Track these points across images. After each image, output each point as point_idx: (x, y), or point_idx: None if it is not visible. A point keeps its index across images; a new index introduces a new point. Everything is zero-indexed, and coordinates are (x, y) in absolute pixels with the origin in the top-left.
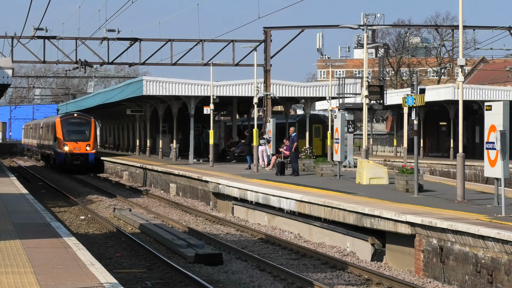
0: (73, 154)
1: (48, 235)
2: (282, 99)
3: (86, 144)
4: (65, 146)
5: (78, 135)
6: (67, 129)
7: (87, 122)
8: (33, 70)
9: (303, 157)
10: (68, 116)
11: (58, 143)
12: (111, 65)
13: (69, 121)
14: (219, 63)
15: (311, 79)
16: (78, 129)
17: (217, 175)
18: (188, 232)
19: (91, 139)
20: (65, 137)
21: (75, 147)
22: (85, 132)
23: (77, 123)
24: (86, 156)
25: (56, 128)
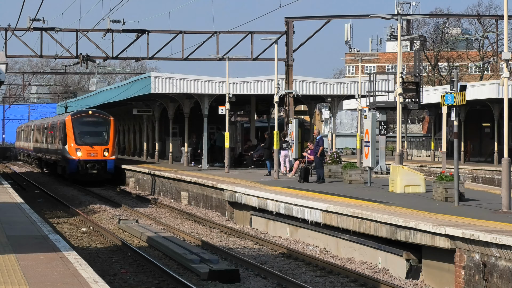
0: (87, 161)
1: (46, 249)
2: (306, 97)
3: (103, 148)
4: (78, 151)
5: (93, 138)
6: (80, 130)
7: (104, 121)
8: (29, 66)
9: (329, 162)
10: (81, 114)
11: (68, 148)
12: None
13: (82, 120)
14: (235, 57)
15: (338, 75)
16: (93, 129)
17: (233, 182)
18: (201, 246)
19: (110, 142)
20: (78, 140)
21: (90, 152)
22: (102, 134)
23: (92, 123)
24: (104, 163)
25: (67, 128)
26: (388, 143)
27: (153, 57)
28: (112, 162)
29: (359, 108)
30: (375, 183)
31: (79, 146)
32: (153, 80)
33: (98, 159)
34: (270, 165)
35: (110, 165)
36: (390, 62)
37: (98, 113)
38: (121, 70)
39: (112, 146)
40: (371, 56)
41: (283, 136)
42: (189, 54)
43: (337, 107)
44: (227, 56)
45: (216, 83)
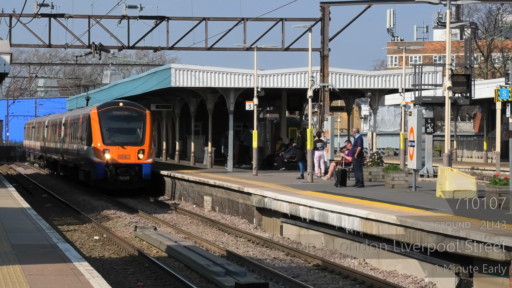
0: (118, 166)
1: (54, 260)
2: (343, 91)
3: (138, 149)
4: (106, 153)
5: (125, 136)
6: (109, 127)
7: (139, 116)
8: (35, 56)
9: (369, 164)
10: (109, 106)
11: (94, 149)
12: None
13: (111, 114)
14: (265, 47)
15: (380, 67)
16: (125, 126)
17: (262, 186)
18: (226, 257)
19: (146, 141)
20: (106, 138)
21: (121, 154)
22: (136, 131)
23: (124, 117)
24: (139, 168)
25: (92, 124)
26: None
27: (174, 46)
28: (149, 166)
29: (403, 104)
30: (420, 187)
31: (108, 146)
32: (173, 72)
33: (131, 162)
34: (303, 167)
35: (146, 170)
36: (437, 53)
37: (131, 105)
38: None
39: (149, 146)
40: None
41: (318, 135)
42: (213, 43)
43: (378, 103)
44: (255, 45)
45: (243, 76)
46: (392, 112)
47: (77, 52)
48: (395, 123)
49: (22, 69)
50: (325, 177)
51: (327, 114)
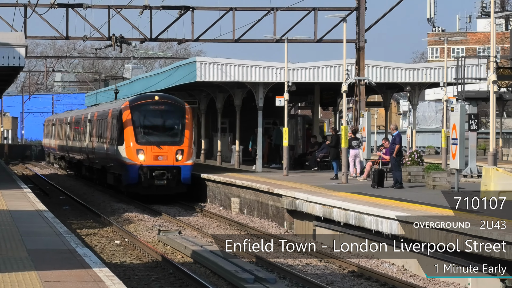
0: (153, 168)
1: (73, 265)
2: (380, 86)
3: (176, 149)
4: (140, 154)
5: (162, 134)
6: (143, 124)
7: (177, 110)
8: (52, 49)
9: (408, 164)
10: (143, 100)
11: (126, 149)
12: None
13: (146, 109)
14: (296, 38)
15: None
16: (162, 122)
17: (293, 187)
18: (255, 262)
19: (185, 140)
20: (140, 137)
21: (157, 155)
22: (174, 128)
23: (160, 113)
24: (177, 171)
25: (123, 121)
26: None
27: (199, 38)
28: (189, 168)
29: (445, 99)
30: (463, 188)
31: (142, 146)
32: (198, 66)
33: (168, 164)
34: (337, 167)
35: (185, 173)
36: (481, 44)
37: (168, 98)
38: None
39: (188, 145)
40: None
41: (353, 132)
42: (241, 35)
43: (418, 98)
44: (286, 37)
45: (272, 70)
46: (433, 108)
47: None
48: (436, 119)
49: (38, 63)
50: (361, 178)
51: (363, 110)
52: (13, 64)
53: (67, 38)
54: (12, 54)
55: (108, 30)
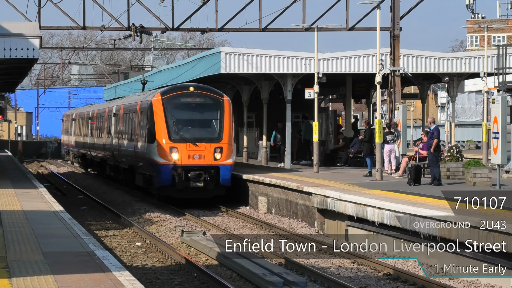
0: (189, 169)
1: (91, 269)
2: (416, 76)
3: (214, 147)
4: (174, 152)
5: (198, 130)
6: (177, 118)
7: (215, 103)
8: (68, 40)
9: (447, 159)
10: (177, 91)
11: (158, 146)
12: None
13: (180, 102)
14: (326, 27)
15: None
16: (198, 117)
17: (324, 185)
18: (284, 265)
19: (225, 136)
20: (173, 133)
21: (193, 153)
22: (211, 124)
23: (196, 106)
24: (215, 171)
25: (155, 115)
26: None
27: (223, 28)
28: (228, 168)
29: (485, 90)
30: (506, 185)
31: (176, 143)
32: (223, 56)
33: (205, 164)
34: (370, 163)
35: (224, 173)
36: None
37: (205, 89)
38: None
39: (228, 142)
40: (500, 23)
41: (388, 126)
42: (268, 23)
43: (457, 89)
44: (316, 25)
45: (301, 60)
46: (472, 100)
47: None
48: (477, 112)
49: (54, 55)
50: (397, 174)
51: (398, 103)
52: (26, 56)
53: (84, 28)
54: (26, 46)
55: (127, 19)
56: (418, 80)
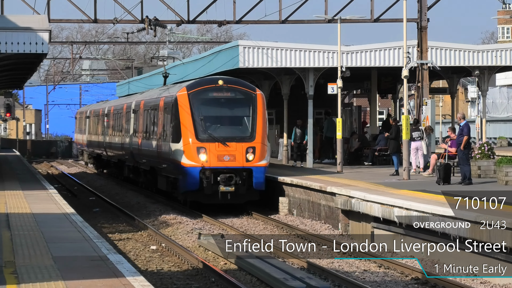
0: (218, 171)
1: (104, 274)
2: (445, 70)
3: (246, 147)
4: (201, 153)
5: (228, 128)
6: (204, 115)
7: (247, 98)
8: (79, 33)
9: (477, 157)
10: (205, 85)
11: (184, 146)
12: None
13: (208, 97)
14: (350, 18)
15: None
16: (228, 113)
17: (348, 185)
18: (307, 269)
19: (258, 135)
20: (201, 132)
21: (222, 154)
22: (243, 121)
23: (226, 101)
24: (248, 174)
25: (180, 112)
26: None
27: (241, 20)
28: (262, 171)
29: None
30: None
31: (204, 143)
32: (241, 50)
33: (237, 166)
34: (397, 162)
35: (258, 176)
36: None
37: (235, 83)
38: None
39: (262, 142)
40: None
41: (415, 123)
42: (289, 15)
43: (488, 83)
44: (339, 16)
45: (324, 53)
46: (504, 94)
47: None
48: (509, 107)
49: (64, 49)
50: (426, 173)
51: (426, 98)
52: (35, 50)
53: (96, 21)
54: (35, 40)
55: (140, 11)
56: (447, 74)
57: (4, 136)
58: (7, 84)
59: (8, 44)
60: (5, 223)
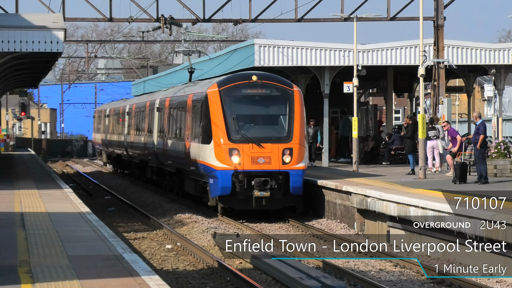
0: (252, 175)
1: (119, 273)
2: (462, 68)
3: (283, 148)
4: (234, 155)
5: (263, 128)
6: (237, 113)
7: (283, 96)
8: (94, 32)
9: (494, 156)
10: (237, 81)
11: (215, 148)
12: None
13: (241, 94)
14: (366, 16)
15: (506, 38)
16: (263, 112)
17: (364, 184)
18: (322, 268)
19: (295, 135)
20: (233, 132)
21: (256, 156)
22: (279, 120)
23: (260, 99)
24: (284, 177)
25: (211, 110)
26: None
27: (257, 18)
28: (300, 174)
29: None
30: None
31: (236, 144)
32: (257, 49)
33: (273, 169)
34: (413, 161)
35: (296, 180)
36: None
37: (271, 78)
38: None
39: (299, 143)
40: None
41: (430, 122)
42: (304, 13)
43: (505, 82)
44: (355, 15)
45: (340, 52)
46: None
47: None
48: None
49: (79, 48)
50: (449, 173)
51: (442, 96)
52: (50, 49)
53: (111, 20)
54: (49, 38)
55: (156, 10)
56: (464, 73)
57: (19, 135)
58: (22, 83)
59: (23, 43)
60: (20, 223)
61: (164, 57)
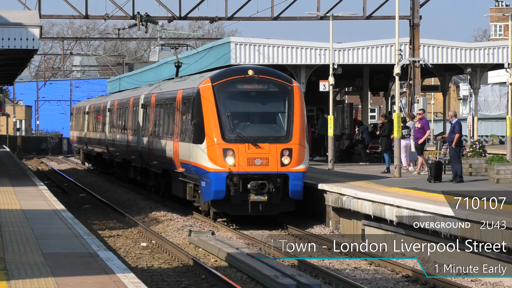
0: (248, 177)
1: (94, 271)
2: (437, 67)
3: (281, 148)
4: (228, 156)
5: (260, 127)
6: (232, 110)
7: (282, 91)
8: (70, 29)
9: (469, 155)
10: (232, 75)
11: (208, 148)
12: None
13: (236, 90)
14: (342, 15)
15: (481, 38)
16: (259, 109)
17: (339, 182)
18: (297, 266)
19: (295, 134)
20: (228, 131)
21: (253, 157)
22: (277, 118)
23: (257, 95)
24: (283, 180)
25: (204, 107)
26: None
27: (233, 16)
28: (300, 177)
29: (510, 82)
30: None
31: (231, 144)
32: (233, 47)
33: (270, 171)
34: (389, 159)
35: (295, 183)
36: None
37: (269, 73)
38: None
39: (299, 143)
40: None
41: (403, 121)
42: (281, 12)
43: (480, 81)
44: (331, 13)
45: (316, 50)
46: (496, 92)
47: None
48: (501, 105)
49: (55, 45)
50: (416, 171)
51: (418, 95)
52: (26, 46)
53: (87, 17)
54: (25, 36)
55: (132, 8)
56: (439, 72)
57: None
58: None
59: None
60: None
61: (140, 55)
